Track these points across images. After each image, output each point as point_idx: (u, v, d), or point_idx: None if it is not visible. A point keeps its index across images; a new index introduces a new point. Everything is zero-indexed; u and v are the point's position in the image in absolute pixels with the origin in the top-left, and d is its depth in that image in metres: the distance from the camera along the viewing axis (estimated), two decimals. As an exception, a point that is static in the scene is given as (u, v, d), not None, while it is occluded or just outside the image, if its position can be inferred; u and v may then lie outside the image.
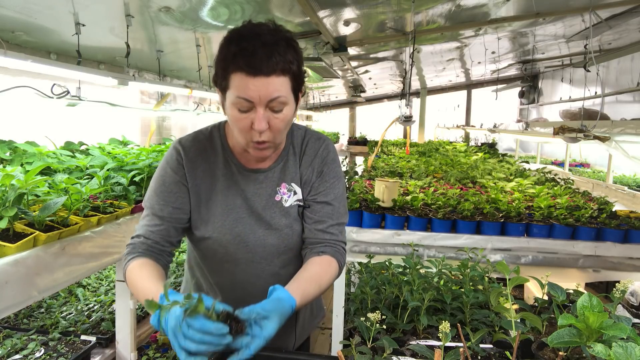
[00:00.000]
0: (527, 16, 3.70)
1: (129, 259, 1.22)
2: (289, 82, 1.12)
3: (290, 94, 1.14)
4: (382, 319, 1.32)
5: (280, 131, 1.18)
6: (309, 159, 1.35)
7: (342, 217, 1.37)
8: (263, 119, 1.12)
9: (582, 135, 2.90)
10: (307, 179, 1.35)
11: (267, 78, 1.08)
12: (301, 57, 1.17)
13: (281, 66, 1.09)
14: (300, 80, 1.18)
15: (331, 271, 1.26)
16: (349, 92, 9.59)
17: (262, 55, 1.06)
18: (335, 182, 1.35)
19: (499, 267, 1.29)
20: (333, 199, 1.34)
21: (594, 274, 2.48)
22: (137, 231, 1.27)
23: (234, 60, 1.08)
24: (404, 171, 3.90)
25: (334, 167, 1.37)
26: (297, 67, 1.14)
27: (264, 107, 1.11)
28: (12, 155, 2.50)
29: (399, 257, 2.21)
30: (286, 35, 1.13)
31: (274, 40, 1.09)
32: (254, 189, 1.30)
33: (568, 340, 0.98)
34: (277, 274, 1.36)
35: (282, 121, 1.16)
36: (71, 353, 2.19)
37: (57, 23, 2.46)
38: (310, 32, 3.37)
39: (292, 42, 1.14)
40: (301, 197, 1.34)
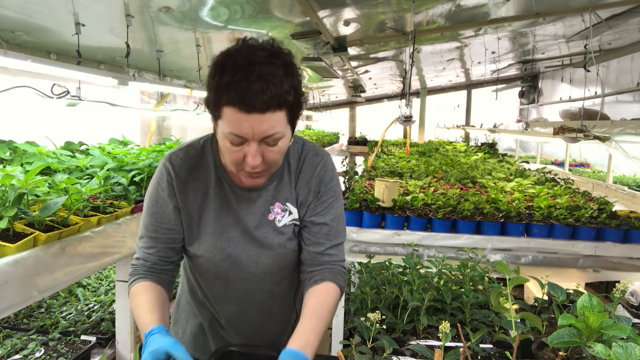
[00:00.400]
0: (527, 16, 3.70)
1: (131, 282, 1.23)
2: (285, 116, 1.06)
3: (286, 126, 1.09)
4: (382, 319, 1.32)
5: (275, 163, 1.14)
6: (305, 178, 1.29)
7: (341, 236, 1.32)
8: (257, 154, 1.07)
9: (582, 135, 2.90)
10: (303, 199, 1.29)
11: (262, 115, 1.02)
12: (300, 81, 1.10)
13: (277, 101, 1.02)
14: (298, 107, 1.11)
15: (331, 300, 1.23)
16: (349, 92, 9.59)
17: (257, 90, 0.99)
18: (333, 201, 1.30)
19: (499, 267, 1.29)
20: (331, 219, 1.29)
21: (594, 274, 2.48)
22: (137, 254, 1.27)
23: (227, 93, 1.01)
24: (404, 171, 3.90)
25: (332, 185, 1.31)
26: (295, 95, 1.07)
27: (258, 142, 1.06)
28: (12, 155, 2.50)
29: (399, 257, 2.21)
30: (285, 59, 1.06)
31: (270, 70, 1.01)
32: (246, 207, 1.26)
33: (568, 340, 0.98)
34: (270, 291, 1.35)
35: (277, 153, 1.11)
36: (71, 353, 2.19)
37: (57, 23, 2.46)
38: (310, 32, 3.37)
39: (291, 68, 1.07)
40: (297, 217, 1.29)
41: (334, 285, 1.25)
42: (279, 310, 1.42)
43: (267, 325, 1.43)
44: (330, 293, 1.24)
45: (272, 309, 1.40)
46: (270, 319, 1.42)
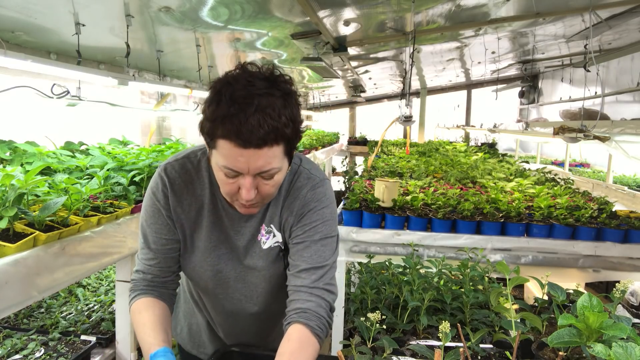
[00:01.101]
0: (527, 16, 3.70)
1: (132, 298, 1.22)
2: (282, 149, 1.03)
3: (283, 160, 1.06)
4: (382, 319, 1.32)
5: (270, 195, 1.12)
6: (291, 201, 1.24)
7: (324, 260, 1.21)
8: (251, 188, 1.05)
9: (582, 135, 2.90)
10: (285, 221, 1.25)
11: (259, 150, 0.98)
12: (298, 110, 1.06)
13: (274, 135, 0.98)
14: (296, 138, 1.07)
15: (290, 348, 1.08)
16: (349, 92, 9.59)
17: (254, 124, 0.95)
18: (318, 224, 1.22)
19: (499, 267, 1.29)
20: (311, 242, 1.21)
21: (594, 274, 2.48)
22: (137, 265, 1.26)
23: (222, 125, 0.97)
24: (404, 171, 3.90)
25: (319, 208, 1.23)
26: (293, 127, 1.03)
27: (253, 176, 1.04)
28: (12, 155, 2.50)
29: (399, 257, 2.21)
30: (284, 89, 1.02)
31: (269, 102, 0.97)
32: (237, 227, 1.25)
33: (568, 340, 0.98)
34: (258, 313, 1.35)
35: (273, 187, 1.09)
36: (71, 353, 2.19)
37: (57, 23, 2.46)
38: (310, 32, 3.37)
39: (290, 98, 1.03)
40: (281, 240, 1.26)
41: (298, 327, 1.12)
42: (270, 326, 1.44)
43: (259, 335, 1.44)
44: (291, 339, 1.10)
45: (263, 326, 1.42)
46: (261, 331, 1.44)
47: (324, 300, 1.17)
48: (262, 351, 1.26)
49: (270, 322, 1.42)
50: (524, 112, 9.07)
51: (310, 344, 1.10)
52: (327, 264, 1.21)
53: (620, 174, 5.89)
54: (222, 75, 1.03)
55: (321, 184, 1.26)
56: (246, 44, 3.59)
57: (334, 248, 1.25)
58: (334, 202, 1.28)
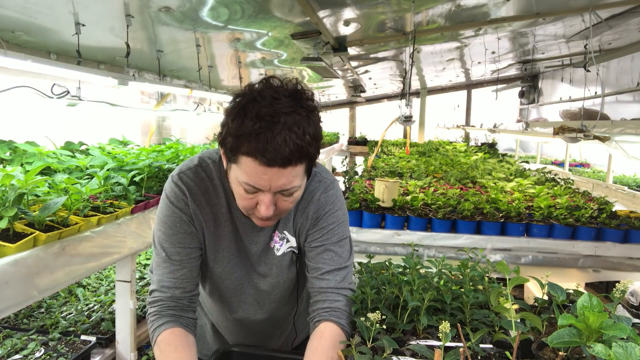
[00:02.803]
0: (527, 16, 3.70)
1: (157, 326, 1.15)
2: (304, 168, 1.03)
3: (303, 178, 1.07)
4: (382, 319, 1.32)
5: (288, 210, 1.12)
6: (304, 205, 1.26)
7: (344, 260, 1.27)
8: (270, 204, 1.04)
9: (582, 135, 2.90)
10: (301, 226, 1.26)
11: (283, 169, 0.98)
12: (320, 131, 1.05)
13: (298, 155, 0.98)
14: (317, 154, 1.06)
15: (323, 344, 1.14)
16: (349, 92, 9.59)
17: (281, 143, 0.94)
18: (335, 226, 1.25)
19: (499, 267, 1.29)
20: (331, 244, 1.25)
21: (594, 274, 2.48)
22: (160, 282, 1.20)
23: (248, 142, 0.96)
24: (404, 171, 3.90)
25: (334, 210, 1.26)
26: (316, 145, 1.03)
27: (273, 193, 1.04)
28: (12, 155, 2.50)
29: (399, 257, 2.21)
30: (308, 106, 1.02)
31: (295, 120, 0.96)
32: (251, 236, 1.26)
33: (568, 340, 0.98)
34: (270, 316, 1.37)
35: (291, 203, 1.09)
36: (71, 353, 2.19)
37: (57, 23, 2.46)
38: (310, 32, 3.37)
39: (314, 115, 1.02)
40: (295, 245, 1.27)
41: (329, 325, 1.18)
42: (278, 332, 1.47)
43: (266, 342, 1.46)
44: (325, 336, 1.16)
45: (271, 333, 1.44)
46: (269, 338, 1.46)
47: (349, 299, 1.23)
48: (262, 351, 1.26)
49: (276, 327, 1.43)
50: (524, 112, 9.06)
51: (335, 338, 1.16)
52: (348, 265, 1.27)
53: (620, 174, 5.89)
54: (246, 88, 1.02)
55: (332, 186, 1.28)
56: (246, 44, 3.59)
57: (350, 248, 1.29)
58: (344, 203, 1.31)
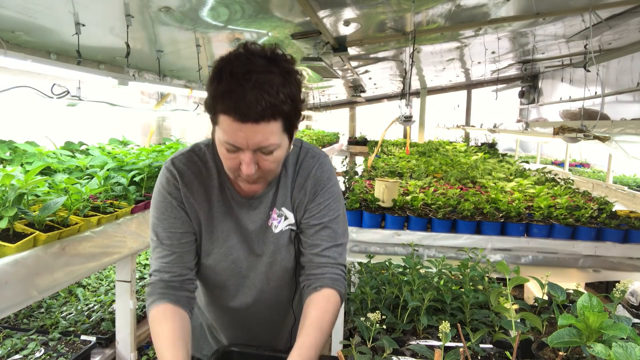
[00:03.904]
0: (527, 16, 3.70)
1: (150, 303, 1.18)
2: (280, 125, 1.05)
3: (282, 136, 1.07)
4: (382, 319, 1.32)
5: (272, 171, 1.13)
6: (301, 181, 1.27)
7: (340, 237, 1.30)
8: (251, 163, 1.06)
9: (582, 135, 2.90)
10: (299, 202, 1.28)
11: (256, 125, 1.00)
12: (299, 89, 1.08)
13: (271, 111, 1.00)
14: (296, 116, 1.09)
15: (332, 309, 1.21)
16: (349, 92, 9.59)
17: (252, 99, 0.97)
18: (330, 202, 1.28)
19: (499, 267, 1.29)
20: (328, 220, 1.27)
21: (594, 274, 2.48)
22: (153, 266, 1.23)
23: (222, 101, 1.00)
24: (404, 171, 3.90)
25: (329, 186, 1.28)
26: (292, 105, 1.05)
27: (253, 151, 1.06)
28: (12, 155, 2.50)
29: (399, 257, 2.21)
30: (284, 67, 1.04)
31: (267, 78, 1.00)
32: (247, 215, 1.26)
33: (568, 340, 0.98)
34: (269, 300, 1.36)
35: (273, 163, 1.10)
36: (71, 353, 2.19)
37: (57, 23, 2.46)
38: (310, 32, 3.37)
39: (290, 76, 1.05)
40: (293, 222, 1.28)
41: (334, 292, 1.23)
42: (277, 319, 1.44)
43: (264, 333, 1.44)
44: (331, 301, 1.22)
45: (270, 318, 1.42)
46: (268, 327, 1.43)
47: (345, 272, 1.31)
48: (262, 351, 1.26)
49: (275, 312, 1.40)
50: (524, 112, 9.06)
51: (339, 307, 1.25)
52: (344, 241, 1.31)
53: (620, 174, 5.89)
54: (224, 54, 1.06)
55: (325, 161, 1.32)
56: (246, 44, 3.58)
57: (345, 224, 1.33)
58: (337, 179, 1.35)
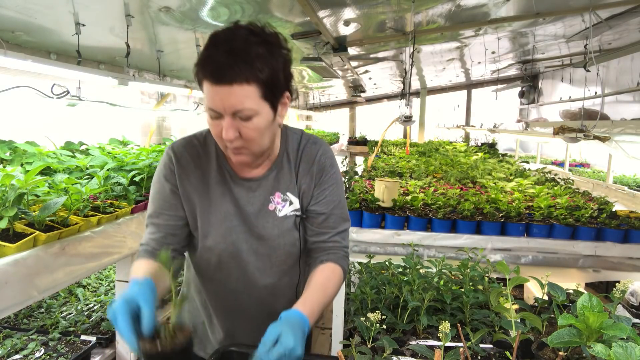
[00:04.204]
0: (527, 16, 3.70)
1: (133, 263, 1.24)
2: (257, 91, 1.06)
3: (260, 102, 1.08)
4: (382, 319, 1.32)
5: (254, 140, 1.13)
6: (306, 167, 1.31)
7: (345, 223, 1.35)
8: (230, 128, 1.08)
9: (582, 135, 2.90)
10: (306, 187, 1.31)
11: (230, 87, 1.03)
12: (280, 64, 1.10)
13: (245, 75, 1.03)
14: (276, 86, 1.10)
15: (335, 277, 1.27)
16: (349, 92, 9.59)
17: (225, 62, 1.02)
18: (334, 188, 1.32)
19: (499, 267, 1.29)
20: (333, 207, 1.31)
21: (594, 274, 2.48)
22: (143, 239, 1.29)
23: (202, 67, 1.06)
24: (404, 171, 3.90)
25: (333, 172, 1.32)
26: (270, 73, 1.07)
27: (231, 117, 1.08)
28: (12, 155, 2.50)
29: (399, 257, 2.21)
30: (265, 38, 1.07)
31: (245, 46, 1.04)
32: (246, 197, 1.27)
33: (568, 340, 0.98)
34: (271, 286, 1.35)
35: (254, 130, 1.11)
36: (71, 353, 2.19)
37: (57, 23, 2.46)
38: (310, 32, 3.37)
39: (271, 47, 1.08)
40: (298, 207, 1.30)
41: (338, 266, 1.30)
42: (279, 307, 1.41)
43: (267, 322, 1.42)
44: (336, 272, 1.28)
45: (272, 307, 1.40)
46: (269, 316, 1.41)
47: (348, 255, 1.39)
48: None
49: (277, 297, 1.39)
50: (524, 112, 9.06)
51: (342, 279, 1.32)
52: (347, 226, 1.37)
53: (620, 174, 5.89)
54: None
55: (327, 147, 1.36)
56: (246, 44, 3.59)
57: (346, 208, 1.38)
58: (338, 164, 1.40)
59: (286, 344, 0.99)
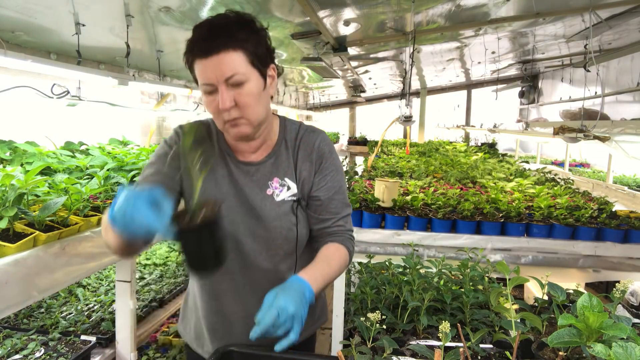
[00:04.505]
0: (527, 16, 3.70)
1: None
2: (244, 57, 1.14)
3: (249, 68, 1.16)
4: (382, 319, 1.32)
5: (250, 106, 1.19)
6: (305, 154, 1.34)
7: (347, 208, 1.38)
8: (226, 97, 1.14)
9: (582, 135, 2.90)
10: (306, 174, 1.34)
11: (218, 56, 1.11)
12: (260, 37, 1.19)
13: (232, 44, 1.12)
14: (262, 56, 1.19)
15: (339, 254, 1.30)
16: (349, 92, 9.59)
17: (209, 36, 1.11)
18: (335, 174, 1.35)
19: (499, 267, 1.29)
20: (335, 192, 1.35)
21: (594, 274, 2.48)
22: None
23: (191, 49, 1.14)
24: (404, 171, 3.90)
25: (332, 159, 1.36)
26: (254, 44, 1.16)
27: (225, 85, 1.14)
28: (12, 155, 2.50)
29: (399, 257, 2.21)
30: (244, 17, 1.17)
31: (226, 22, 1.14)
32: (245, 180, 1.31)
33: (568, 340, 0.98)
34: (267, 271, 1.34)
35: (248, 96, 1.17)
36: (71, 353, 2.19)
37: (57, 23, 2.46)
38: (310, 32, 3.37)
39: (249, 23, 1.17)
40: (296, 192, 1.33)
41: (343, 246, 1.33)
42: None
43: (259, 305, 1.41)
44: (340, 251, 1.32)
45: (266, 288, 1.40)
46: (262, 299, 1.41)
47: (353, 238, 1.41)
48: (262, 351, 1.26)
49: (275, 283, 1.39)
50: (524, 112, 9.06)
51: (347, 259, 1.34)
52: (350, 211, 1.40)
53: (620, 174, 5.89)
54: None
55: (326, 136, 1.39)
56: (246, 44, 3.58)
57: (347, 193, 1.42)
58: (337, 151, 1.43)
59: (278, 304, 1.04)
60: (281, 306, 1.05)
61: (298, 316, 1.06)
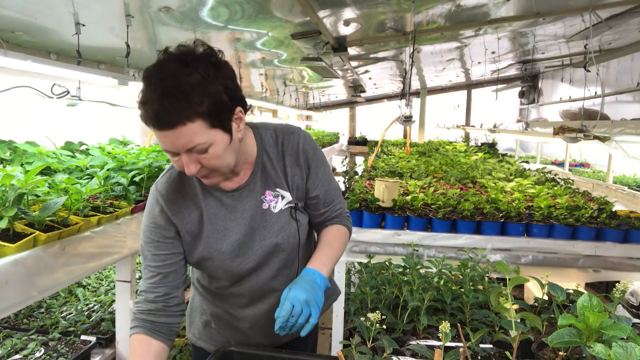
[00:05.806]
0: (527, 16, 3.70)
1: (131, 328, 1.24)
2: (202, 124, 1.04)
3: (210, 134, 1.07)
4: (382, 319, 1.32)
5: (217, 165, 1.13)
6: (292, 159, 1.32)
7: (339, 191, 1.44)
8: (190, 163, 1.09)
9: (582, 135, 2.90)
10: (298, 180, 1.33)
11: (174, 130, 1.02)
12: (219, 85, 1.06)
13: (185, 114, 1.01)
14: (220, 110, 1.07)
15: (340, 234, 1.40)
16: (349, 92, 9.58)
17: (161, 108, 1.00)
18: (323, 168, 1.38)
19: (499, 267, 1.29)
20: (328, 184, 1.39)
21: (594, 274, 2.48)
22: (140, 287, 1.28)
23: (144, 114, 1.05)
24: (404, 171, 3.90)
25: (317, 156, 1.36)
26: (210, 101, 1.04)
27: (187, 153, 1.08)
28: (12, 155, 2.50)
29: (399, 257, 2.21)
30: (197, 65, 1.04)
31: (177, 83, 1.01)
32: (240, 206, 1.28)
33: (568, 340, 0.98)
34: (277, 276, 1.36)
35: (213, 159, 1.11)
36: (71, 353, 2.19)
37: (57, 23, 2.46)
38: (310, 32, 3.36)
39: (205, 72, 1.04)
40: (291, 199, 1.32)
41: (342, 226, 1.43)
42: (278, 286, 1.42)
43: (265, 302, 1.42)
44: (341, 230, 1.42)
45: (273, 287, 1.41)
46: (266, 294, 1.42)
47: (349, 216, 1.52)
48: (262, 351, 1.26)
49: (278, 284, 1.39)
50: (524, 112, 9.06)
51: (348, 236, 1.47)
52: (340, 192, 1.46)
53: (620, 174, 5.89)
54: None
55: (304, 134, 1.38)
56: (246, 44, 3.58)
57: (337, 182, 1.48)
58: None
59: (291, 296, 1.12)
60: (294, 297, 1.11)
61: (312, 301, 1.13)
